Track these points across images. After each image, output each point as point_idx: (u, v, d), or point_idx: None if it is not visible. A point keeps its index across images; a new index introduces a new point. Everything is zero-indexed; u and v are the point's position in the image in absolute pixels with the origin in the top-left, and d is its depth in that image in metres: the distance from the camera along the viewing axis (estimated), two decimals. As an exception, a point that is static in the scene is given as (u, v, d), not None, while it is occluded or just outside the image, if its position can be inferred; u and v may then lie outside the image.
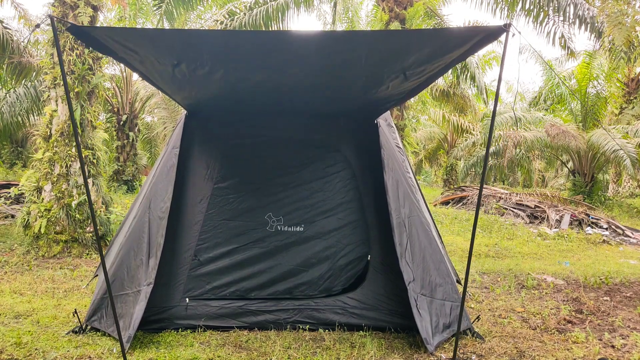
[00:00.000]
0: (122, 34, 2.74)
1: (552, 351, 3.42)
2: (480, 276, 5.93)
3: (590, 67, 15.44)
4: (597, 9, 8.70)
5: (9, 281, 4.97)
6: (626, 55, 9.37)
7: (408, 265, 3.46)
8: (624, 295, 5.20)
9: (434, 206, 14.15)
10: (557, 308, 4.54)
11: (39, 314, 3.87)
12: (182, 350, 3.19)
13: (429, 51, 2.60)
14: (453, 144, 21.18)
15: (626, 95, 17.36)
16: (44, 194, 6.41)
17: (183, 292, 3.68)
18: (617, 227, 10.40)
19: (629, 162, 12.13)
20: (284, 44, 2.63)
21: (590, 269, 6.62)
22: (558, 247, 8.77)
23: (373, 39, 2.69)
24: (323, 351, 3.29)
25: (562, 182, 24.54)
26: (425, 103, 18.21)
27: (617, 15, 5.79)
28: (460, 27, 3.71)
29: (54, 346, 3.18)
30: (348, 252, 3.94)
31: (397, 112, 10.58)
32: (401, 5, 10.40)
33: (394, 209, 3.57)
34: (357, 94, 3.36)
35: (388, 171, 3.65)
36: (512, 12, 9.97)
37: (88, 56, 6.53)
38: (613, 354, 3.43)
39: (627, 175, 17.16)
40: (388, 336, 3.61)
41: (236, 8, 11.21)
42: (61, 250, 6.30)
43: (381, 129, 3.83)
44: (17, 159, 16.83)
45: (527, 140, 14.48)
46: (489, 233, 9.83)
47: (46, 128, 6.50)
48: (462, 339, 3.53)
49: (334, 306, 3.77)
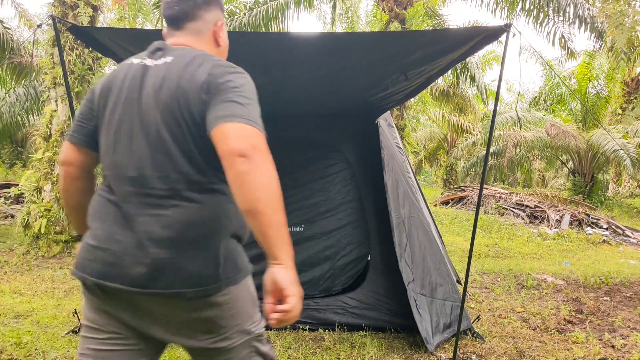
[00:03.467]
0: (123, 35, 2.74)
1: (552, 351, 3.42)
2: (480, 276, 5.93)
3: (590, 67, 15.45)
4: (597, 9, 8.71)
5: (9, 281, 4.97)
6: (626, 56, 9.37)
7: (408, 266, 3.46)
8: (624, 295, 5.20)
9: (434, 206, 14.16)
10: (557, 308, 4.54)
11: (39, 314, 3.87)
12: (182, 350, 3.19)
13: (429, 51, 2.60)
14: (453, 144, 21.18)
15: (626, 95, 17.36)
16: (44, 194, 6.41)
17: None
18: (617, 227, 10.40)
19: (629, 162, 12.13)
20: (285, 46, 2.63)
21: (590, 269, 6.62)
22: (558, 247, 8.77)
23: (373, 40, 2.69)
24: (323, 351, 3.29)
25: (562, 182, 24.56)
26: (425, 103, 18.21)
27: (618, 16, 5.79)
28: (461, 27, 3.71)
29: (54, 346, 3.18)
30: (348, 252, 3.94)
31: (397, 112, 10.58)
32: (401, 5, 10.40)
33: (394, 209, 3.57)
34: (358, 94, 3.36)
35: (388, 171, 3.65)
36: (512, 12, 9.96)
37: (88, 56, 6.53)
38: (613, 354, 3.43)
39: (627, 175, 17.16)
40: (388, 336, 3.62)
41: (236, 8, 11.21)
42: (61, 250, 6.30)
43: (381, 129, 3.83)
44: (17, 159, 16.83)
45: (527, 140, 14.49)
46: (488, 233, 9.83)
47: (46, 128, 6.50)
48: (462, 339, 3.53)
49: (334, 306, 3.77)
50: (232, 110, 1.20)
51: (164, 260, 1.24)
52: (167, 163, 1.27)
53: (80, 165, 1.44)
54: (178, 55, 1.34)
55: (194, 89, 1.25)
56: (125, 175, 1.30)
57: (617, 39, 5.73)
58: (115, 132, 1.33)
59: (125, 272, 1.25)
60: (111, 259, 1.26)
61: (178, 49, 1.38)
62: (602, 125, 12.09)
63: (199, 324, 1.31)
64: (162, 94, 1.28)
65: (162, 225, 1.25)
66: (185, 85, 1.26)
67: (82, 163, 1.44)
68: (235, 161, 1.14)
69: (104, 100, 1.37)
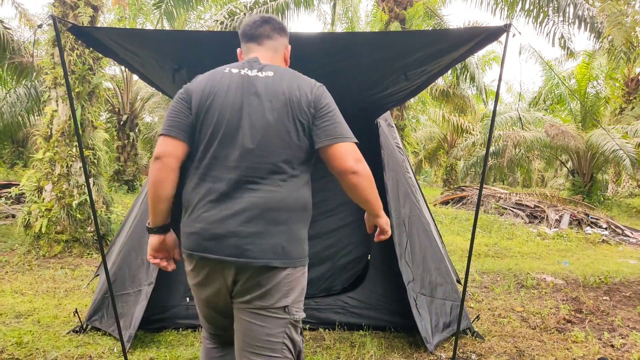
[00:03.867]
0: (123, 35, 2.74)
1: (551, 350, 3.43)
2: (480, 276, 5.94)
3: (589, 67, 15.45)
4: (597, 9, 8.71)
5: (10, 281, 4.98)
6: (626, 55, 9.38)
7: (408, 265, 3.46)
8: (623, 294, 5.21)
9: (433, 206, 14.16)
10: (557, 307, 4.55)
11: (40, 314, 3.88)
12: (182, 350, 3.20)
13: (429, 51, 2.61)
14: (453, 144, 21.19)
15: (626, 96, 17.37)
16: (45, 194, 6.42)
17: (184, 291, 3.69)
18: (616, 227, 10.41)
19: (628, 162, 12.14)
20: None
21: (590, 268, 6.64)
22: (557, 246, 8.79)
23: (373, 40, 2.69)
24: (323, 350, 3.30)
25: (561, 182, 24.55)
26: (425, 103, 18.22)
27: (617, 16, 5.81)
28: (461, 27, 3.72)
29: (55, 346, 3.19)
30: (348, 252, 3.95)
31: (397, 112, 10.59)
32: (401, 5, 10.41)
33: (394, 209, 3.57)
34: (357, 94, 3.37)
35: (388, 171, 3.66)
36: (512, 12, 9.97)
37: (88, 56, 6.53)
38: (612, 354, 3.44)
39: (627, 175, 17.17)
40: (388, 335, 3.63)
41: (236, 8, 11.21)
42: (62, 250, 6.31)
43: (381, 129, 3.84)
44: (17, 159, 16.84)
45: (526, 140, 14.49)
46: (488, 233, 9.84)
47: (47, 128, 6.50)
48: (462, 338, 3.54)
49: (334, 305, 3.78)
50: (341, 131, 1.62)
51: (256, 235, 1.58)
52: (272, 153, 1.60)
53: (177, 157, 1.64)
54: (277, 71, 1.69)
55: (303, 102, 1.62)
56: (227, 165, 1.60)
57: (616, 37, 5.75)
58: (222, 129, 1.61)
59: (218, 244, 1.59)
60: (208, 235, 1.59)
61: (272, 65, 1.72)
62: (602, 125, 12.09)
63: (259, 289, 1.62)
64: (274, 101, 1.61)
65: (257, 204, 1.58)
66: (294, 97, 1.61)
67: (179, 155, 1.64)
68: (349, 177, 1.61)
69: (208, 101, 1.63)
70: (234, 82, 1.64)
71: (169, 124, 1.65)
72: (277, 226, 1.59)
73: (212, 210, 1.59)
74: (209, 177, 1.62)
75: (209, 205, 1.60)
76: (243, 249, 1.57)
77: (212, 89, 1.64)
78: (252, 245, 1.57)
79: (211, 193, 1.61)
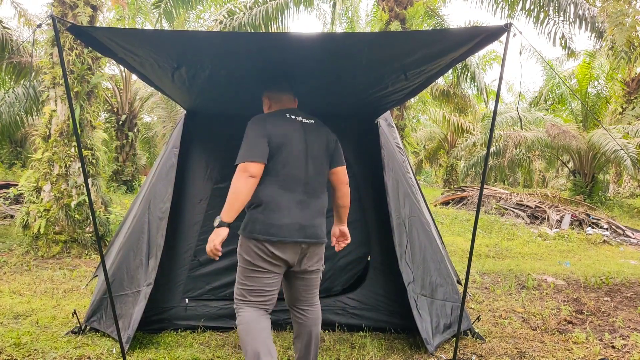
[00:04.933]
0: (123, 34, 2.72)
1: (552, 352, 3.41)
2: (481, 276, 5.92)
3: (590, 67, 15.44)
4: (597, 9, 8.70)
5: (8, 281, 4.96)
6: (626, 55, 9.36)
7: (408, 266, 3.44)
8: (625, 295, 5.19)
9: (434, 206, 14.15)
10: (558, 308, 4.53)
11: (38, 315, 3.87)
12: (181, 351, 3.18)
13: (429, 51, 2.59)
14: (453, 144, 21.18)
15: (627, 95, 17.34)
16: (43, 194, 6.40)
17: (182, 292, 3.67)
18: (617, 228, 10.39)
19: (629, 162, 12.12)
20: (284, 46, 2.61)
21: (591, 269, 6.62)
22: (558, 247, 8.77)
23: (373, 40, 2.67)
24: (323, 352, 3.28)
25: (562, 182, 24.55)
26: (426, 103, 18.22)
27: (618, 16, 5.79)
28: (461, 27, 3.70)
29: (53, 346, 3.17)
30: (348, 253, 3.93)
31: (397, 112, 10.57)
32: (401, 5, 10.39)
33: (394, 209, 3.55)
34: (357, 94, 3.35)
35: (388, 171, 3.64)
36: (513, 12, 9.96)
37: (87, 56, 6.52)
38: (613, 355, 3.42)
39: (628, 175, 17.15)
40: (388, 337, 3.61)
41: (235, 8, 11.20)
42: (60, 250, 6.29)
43: (381, 129, 3.81)
44: (16, 159, 16.83)
45: (527, 140, 14.47)
46: (489, 233, 9.83)
47: (45, 128, 6.49)
48: (463, 340, 3.52)
49: (334, 307, 3.76)
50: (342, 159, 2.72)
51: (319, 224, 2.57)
52: (321, 175, 2.60)
53: (260, 176, 2.40)
54: (314, 119, 2.68)
55: (330, 140, 2.66)
56: (300, 181, 2.49)
57: (617, 37, 5.73)
58: (294, 158, 2.48)
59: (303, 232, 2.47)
60: (297, 226, 2.45)
61: (309, 114, 2.69)
62: (603, 125, 12.05)
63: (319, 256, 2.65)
64: (320, 139, 2.60)
65: (318, 206, 2.57)
66: (327, 137, 2.65)
67: (260, 174, 2.40)
68: (345, 186, 2.72)
69: (283, 140, 2.45)
70: (298, 127, 2.55)
71: (257, 154, 2.38)
72: (323, 219, 2.59)
73: (294, 210, 2.46)
74: (286, 189, 2.46)
75: (293, 207, 2.45)
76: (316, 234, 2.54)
77: (284, 132, 2.49)
78: (321, 231, 2.56)
79: (289, 200, 2.46)
